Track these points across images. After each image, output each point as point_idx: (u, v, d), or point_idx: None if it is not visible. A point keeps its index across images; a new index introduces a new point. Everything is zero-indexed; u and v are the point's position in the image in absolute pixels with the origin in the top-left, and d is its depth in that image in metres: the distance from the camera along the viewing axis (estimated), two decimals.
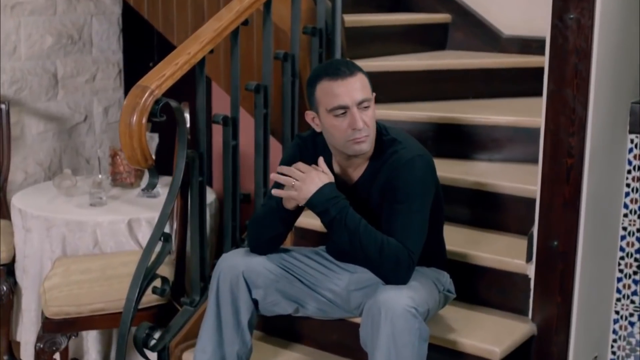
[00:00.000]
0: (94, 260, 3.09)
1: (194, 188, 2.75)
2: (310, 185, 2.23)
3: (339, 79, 2.26)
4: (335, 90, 2.26)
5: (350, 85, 2.25)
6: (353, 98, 2.25)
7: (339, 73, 2.26)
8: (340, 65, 2.30)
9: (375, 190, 2.32)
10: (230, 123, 2.81)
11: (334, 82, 2.26)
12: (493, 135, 3.14)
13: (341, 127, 2.27)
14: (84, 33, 4.17)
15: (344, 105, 2.26)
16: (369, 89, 2.28)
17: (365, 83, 2.28)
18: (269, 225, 2.38)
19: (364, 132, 2.26)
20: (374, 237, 2.20)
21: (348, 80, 2.26)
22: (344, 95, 2.25)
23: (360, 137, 2.26)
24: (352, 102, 2.25)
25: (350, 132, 2.26)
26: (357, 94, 2.25)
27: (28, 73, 3.94)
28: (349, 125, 2.25)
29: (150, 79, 2.52)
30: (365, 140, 2.27)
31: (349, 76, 2.26)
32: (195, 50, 2.63)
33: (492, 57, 3.70)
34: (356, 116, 2.25)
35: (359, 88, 2.25)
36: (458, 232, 2.89)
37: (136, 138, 2.48)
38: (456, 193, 2.95)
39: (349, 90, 2.25)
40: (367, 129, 2.27)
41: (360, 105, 2.26)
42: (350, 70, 2.27)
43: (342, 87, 2.25)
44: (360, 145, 2.27)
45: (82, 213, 3.23)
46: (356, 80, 2.26)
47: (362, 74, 2.29)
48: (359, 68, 2.30)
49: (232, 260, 2.42)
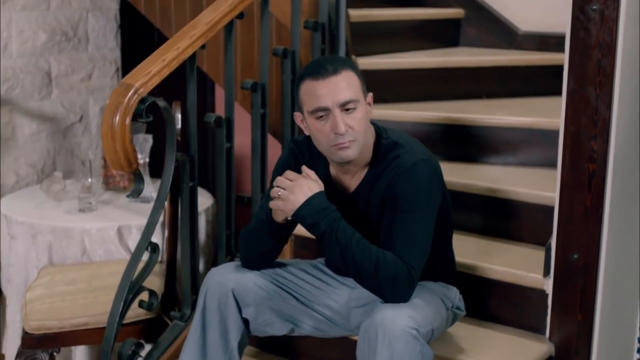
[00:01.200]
0: (81, 269, 2.90)
1: (184, 194, 2.56)
2: (298, 195, 2.03)
3: (320, 79, 2.06)
4: (316, 91, 2.07)
5: (332, 85, 2.05)
6: (334, 99, 2.05)
7: (321, 72, 2.07)
8: (326, 63, 2.09)
9: (374, 200, 2.12)
10: (224, 124, 2.62)
11: (316, 82, 2.07)
12: (508, 138, 2.96)
13: (324, 130, 2.07)
14: (79, 29, 4.00)
15: (324, 107, 2.06)
16: (358, 89, 2.08)
17: (353, 82, 2.08)
18: (260, 239, 2.18)
19: (347, 137, 2.06)
20: (368, 252, 1.99)
21: (330, 79, 2.06)
22: (325, 96, 2.06)
23: (344, 142, 2.06)
24: (334, 104, 2.05)
25: (333, 137, 2.07)
26: (339, 94, 2.05)
27: (20, 71, 3.77)
28: (331, 128, 2.06)
29: (135, 76, 2.33)
30: (349, 146, 2.06)
31: (332, 75, 2.06)
32: (185, 45, 2.44)
33: (508, 55, 3.52)
34: (337, 119, 2.05)
35: (344, 88, 2.05)
36: (468, 242, 2.69)
37: (119, 140, 2.29)
38: (467, 200, 2.76)
39: (330, 90, 2.05)
40: (353, 133, 2.06)
41: (343, 107, 2.06)
42: (335, 68, 2.07)
43: (324, 88, 2.06)
44: (344, 152, 2.07)
45: (70, 219, 3.04)
46: (341, 80, 2.06)
47: (351, 72, 2.08)
48: (349, 66, 2.09)
49: (220, 275, 2.22)
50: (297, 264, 2.34)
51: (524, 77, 3.37)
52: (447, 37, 3.74)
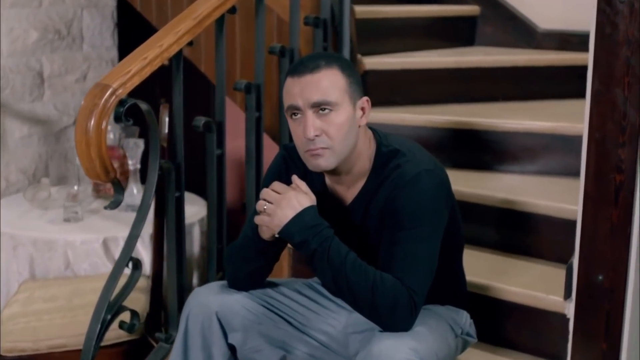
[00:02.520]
0: (63, 284, 2.70)
1: (169, 205, 2.35)
2: (286, 209, 1.80)
3: (296, 76, 1.86)
4: (291, 89, 1.86)
5: (307, 83, 1.83)
6: (305, 98, 1.83)
7: (298, 69, 1.86)
8: (309, 60, 1.88)
9: (372, 214, 1.89)
10: (214, 129, 2.40)
11: (292, 79, 1.87)
12: (526, 144, 2.76)
13: (297, 133, 1.87)
14: (74, 27, 3.80)
15: (294, 105, 1.85)
16: (341, 90, 1.85)
17: (335, 82, 1.85)
18: (246, 258, 1.95)
19: (319, 143, 1.83)
20: (364, 274, 1.77)
21: (306, 77, 1.84)
22: (297, 95, 1.84)
23: (314, 149, 1.84)
24: (305, 103, 1.83)
25: (305, 142, 1.85)
26: (312, 93, 1.83)
27: (10, 71, 3.58)
28: (303, 132, 1.84)
29: (113, 76, 2.12)
30: (322, 154, 1.84)
31: (309, 73, 1.84)
32: (169, 42, 2.23)
33: (526, 54, 3.31)
34: (307, 121, 1.83)
35: (319, 87, 1.83)
36: (481, 259, 2.47)
37: (94, 146, 2.08)
38: (481, 212, 2.55)
39: (303, 88, 1.84)
40: (326, 139, 1.83)
41: (317, 108, 1.83)
42: (315, 65, 1.85)
43: (297, 85, 1.85)
44: (316, 160, 1.85)
45: (53, 230, 2.84)
46: (319, 78, 1.83)
47: (335, 71, 1.85)
48: (337, 64, 1.87)
49: (204, 297, 2.00)
50: (290, 284, 2.12)
51: (544, 78, 3.18)
52: (461, 36, 3.54)
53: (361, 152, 1.90)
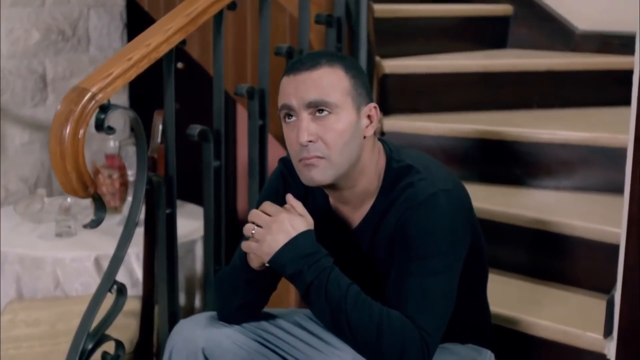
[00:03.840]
0: (50, 307, 2.47)
1: (159, 223, 2.10)
2: (277, 234, 1.55)
3: (292, 74, 1.61)
4: (285, 87, 1.62)
5: (304, 80, 1.59)
6: (300, 97, 1.58)
7: (295, 66, 1.62)
8: (308, 57, 1.64)
9: (381, 240, 1.64)
10: (210, 138, 2.15)
11: (287, 78, 1.63)
12: (562, 156, 2.52)
13: (290, 138, 1.62)
14: (79, 28, 3.59)
15: (287, 104, 1.60)
16: (343, 91, 1.59)
17: (336, 82, 1.59)
18: (235, 290, 1.70)
19: (313, 151, 1.58)
20: (368, 312, 1.51)
21: (302, 75, 1.59)
22: (291, 94, 1.60)
23: (308, 157, 1.58)
24: (299, 103, 1.58)
25: (298, 149, 1.59)
26: (307, 92, 1.58)
27: (9, 74, 3.38)
28: (296, 137, 1.59)
29: (92, 79, 1.88)
30: (316, 165, 1.58)
31: (306, 70, 1.60)
32: (157, 42, 1.98)
33: (563, 57, 3.07)
34: (301, 124, 1.58)
35: (316, 86, 1.58)
36: (510, 286, 2.21)
37: (70, 158, 1.85)
38: (510, 233, 2.31)
39: (298, 86, 1.59)
40: (322, 148, 1.58)
41: (312, 110, 1.58)
42: (315, 63, 1.60)
43: (292, 83, 1.60)
44: (309, 172, 1.59)
45: (42, 246, 2.62)
46: (317, 76, 1.59)
47: (337, 70, 1.60)
48: (339, 63, 1.62)
49: (189, 331, 1.75)
50: (289, 315, 1.86)
51: (583, 83, 2.93)
52: (492, 37, 3.30)
53: (367, 167, 1.63)
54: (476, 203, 1.76)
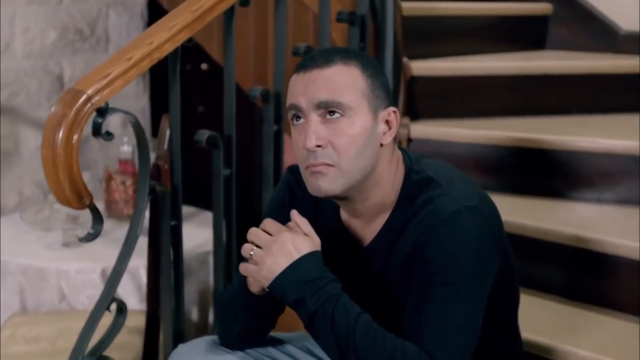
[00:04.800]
0: (52, 321, 2.34)
1: (163, 237, 1.95)
2: (278, 256, 1.38)
3: (302, 72, 1.44)
4: (294, 86, 1.45)
5: (314, 79, 1.42)
6: (309, 96, 1.41)
7: (306, 63, 1.45)
8: (322, 53, 1.46)
9: (396, 260, 1.46)
10: (220, 144, 1.99)
11: (297, 75, 1.46)
12: (604, 167, 2.35)
13: (297, 143, 1.45)
14: (98, 27, 3.46)
15: (295, 104, 1.43)
16: (358, 92, 1.42)
17: (351, 81, 1.42)
18: (235, 314, 1.53)
19: (321, 157, 1.40)
20: (380, 344, 1.34)
21: (314, 72, 1.42)
22: (300, 93, 1.43)
23: (316, 164, 1.41)
24: (308, 103, 1.41)
25: (305, 155, 1.42)
26: (319, 91, 1.41)
27: (25, 75, 3.26)
28: (303, 140, 1.42)
29: (88, 80, 1.74)
30: (325, 173, 1.41)
31: (318, 68, 1.42)
32: (160, 40, 1.83)
33: (606, 59, 2.89)
34: (309, 127, 1.41)
35: (332, 84, 1.41)
36: (545, 310, 2.04)
37: (63, 165, 1.71)
38: (546, 250, 2.14)
39: (308, 85, 1.42)
40: (332, 154, 1.41)
41: (322, 111, 1.41)
42: (327, 60, 1.43)
43: (301, 81, 1.43)
44: (317, 180, 1.42)
45: (45, 257, 2.48)
46: (330, 74, 1.42)
47: (353, 68, 1.43)
48: (355, 59, 1.45)
49: (187, 357, 1.59)
50: (298, 340, 1.69)
51: (627, 88, 2.75)
52: (530, 38, 3.12)
53: (382, 178, 1.46)
54: (509, 216, 1.60)
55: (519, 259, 1.64)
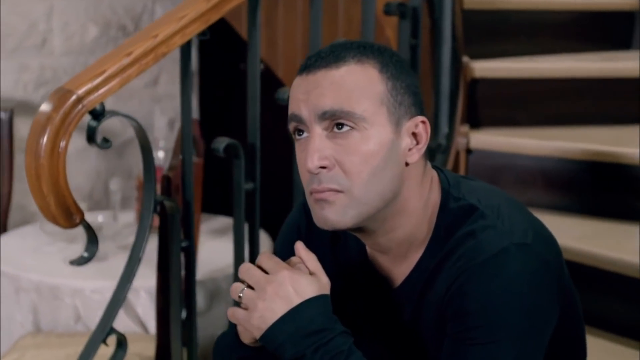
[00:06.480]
0: (63, 345, 2.12)
1: (173, 259, 1.70)
2: (272, 301, 1.10)
3: (305, 72, 1.15)
4: (295, 92, 1.16)
5: (319, 82, 1.13)
6: (312, 104, 1.12)
7: (310, 61, 1.15)
8: (331, 49, 1.16)
9: (428, 310, 1.16)
10: (241, 154, 1.72)
11: (299, 78, 1.16)
12: None
13: (300, 162, 1.16)
14: (143, 22, 3.28)
15: (296, 114, 1.15)
16: (373, 99, 1.12)
17: (367, 84, 1.12)
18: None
19: (326, 181, 1.11)
20: None
21: (319, 73, 1.13)
22: (301, 100, 1.14)
23: (320, 190, 1.12)
24: (310, 113, 1.12)
25: (308, 178, 1.14)
26: (323, 97, 1.11)
27: (64, 72, 3.10)
28: (304, 160, 1.14)
29: (79, 79, 1.52)
30: (331, 201, 1.12)
31: (326, 67, 1.13)
32: (167, 33, 1.60)
33: None
34: (312, 141, 1.12)
35: (340, 89, 1.11)
36: (618, 356, 1.69)
37: (47, 176, 1.50)
38: (619, 284, 1.86)
39: (310, 89, 1.13)
40: (340, 177, 1.11)
41: (327, 123, 1.12)
42: (338, 57, 1.14)
43: (303, 86, 1.14)
44: (322, 210, 1.13)
45: (60, 273, 2.25)
46: (339, 76, 1.12)
47: (370, 67, 1.13)
48: (373, 56, 1.14)
49: None
50: None
51: None
52: (613, 36, 2.80)
53: (410, 205, 1.16)
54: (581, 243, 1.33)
55: (592, 297, 1.34)
